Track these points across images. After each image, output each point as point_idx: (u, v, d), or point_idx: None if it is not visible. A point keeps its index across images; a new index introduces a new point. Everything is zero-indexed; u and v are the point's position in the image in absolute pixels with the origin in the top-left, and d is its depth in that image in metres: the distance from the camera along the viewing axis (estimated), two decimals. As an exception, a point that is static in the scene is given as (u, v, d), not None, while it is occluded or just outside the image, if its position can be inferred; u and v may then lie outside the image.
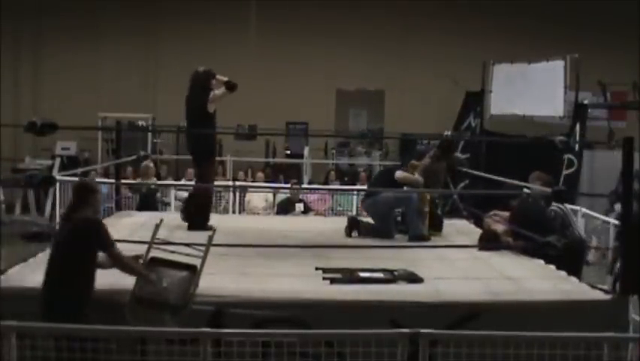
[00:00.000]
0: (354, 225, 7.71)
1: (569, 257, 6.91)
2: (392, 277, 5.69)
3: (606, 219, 9.20)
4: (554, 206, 7.44)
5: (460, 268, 6.34)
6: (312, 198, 11.83)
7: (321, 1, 15.82)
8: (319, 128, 7.95)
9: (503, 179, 8.40)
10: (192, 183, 9.85)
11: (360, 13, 15.83)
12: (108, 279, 5.39)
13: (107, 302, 4.93)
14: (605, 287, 6.80)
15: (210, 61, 15.54)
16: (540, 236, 6.65)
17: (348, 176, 14.80)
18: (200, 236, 5.56)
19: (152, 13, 15.88)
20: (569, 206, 7.63)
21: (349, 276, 5.69)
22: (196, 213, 7.61)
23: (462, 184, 12.23)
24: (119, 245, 4.87)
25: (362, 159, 15.85)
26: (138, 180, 10.60)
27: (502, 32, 15.59)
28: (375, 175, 8.83)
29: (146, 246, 5.23)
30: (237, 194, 11.03)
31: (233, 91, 7.57)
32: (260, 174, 13.55)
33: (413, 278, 5.68)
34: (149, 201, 10.18)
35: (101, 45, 15.79)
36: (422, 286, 5.56)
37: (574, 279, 6.06)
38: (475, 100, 13.51)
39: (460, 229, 8.45)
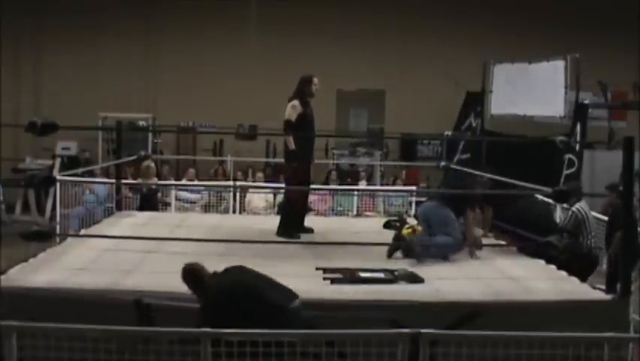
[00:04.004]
0: (398, 246, 6.79)
1: (576, 265, 6.92)
2: (392, 277, 5.69)
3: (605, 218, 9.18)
4: (575, 207, 7.44)
5: (461, 268, 6.35)
6: (312, 198, 11.82)
7: (321, 1, 15.83)
8: (319, 128, 7.95)
9: (504, 179, 8.39)
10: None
11: (361, 13, 15.83)
12: (108, 279, 5.41)
13: (107, 302, 4.94)
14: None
15: (211, 61, 15.73)
16: (540, 236, 6.66)
17: (349, 176, 14.80)
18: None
19: (152, 14, 15.88)
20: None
21: (350, 276, 5.69)
22: (287, 219, 7.58)
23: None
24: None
25: (363, 159, 15.82)
26: (138, 181, 10.59)
27: (502, 32, 15.58)
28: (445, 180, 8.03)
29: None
30: (238, 194, 11.01)
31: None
32: (259, 174, 13.54)
33: (414, 278, 5.68)
34: (149, 202, 10.18)
35: (102, 45, 15.79)
36: (422, 286, 5.57)
37: (574, 279, 6.06)
38: (476, 100, 13.49)
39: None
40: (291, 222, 7.49)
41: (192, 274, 4.71)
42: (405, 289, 5.47)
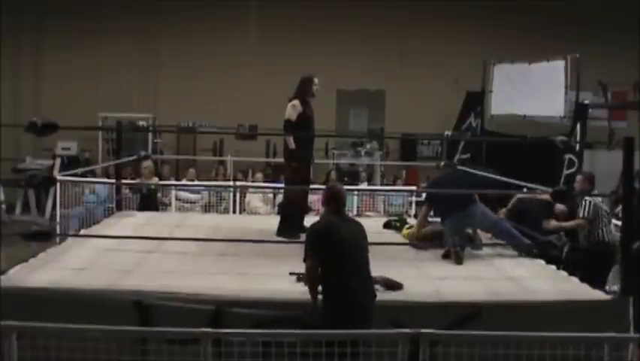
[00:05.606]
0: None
1: (595, 259, 6.89)
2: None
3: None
4: (588, 198, 7.43)
5: (461, 268, 6.34)
6: (312, 198, 11.82)
7: (321, 1, 15.82)
8: (320, 128, 7.94)
9: (504, 178, 8.39)
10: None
11: (361, 13, 15.83)
12: (108, 279, 5.40)
13: (107, 302, 4.94)
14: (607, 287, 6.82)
15: (211, 61, 15.73)
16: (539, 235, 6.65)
17: (349, 176, 14.79)
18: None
19: (152, 14, 15.88)
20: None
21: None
22: (287, 219, 7.59)
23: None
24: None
25: (363, 159, 15.81)
26: (138, 180, 10.59)
27: (502, 32, 15.58)
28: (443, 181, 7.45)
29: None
30: (237, 194, 11.00)
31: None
32: (259, 175, 13.53)
33: (391, 285, 5.40)
34: (149, 202, 10.17)
35: (102, 45, 15.79)
36: (422, 287, 5.56)
37: (574, 279, 6.06)
38: (476, 100, 13.49)
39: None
40: (291, 222, 7.49)
41: (332, 198, 5.04)
42: (405, 289, 5.45)
